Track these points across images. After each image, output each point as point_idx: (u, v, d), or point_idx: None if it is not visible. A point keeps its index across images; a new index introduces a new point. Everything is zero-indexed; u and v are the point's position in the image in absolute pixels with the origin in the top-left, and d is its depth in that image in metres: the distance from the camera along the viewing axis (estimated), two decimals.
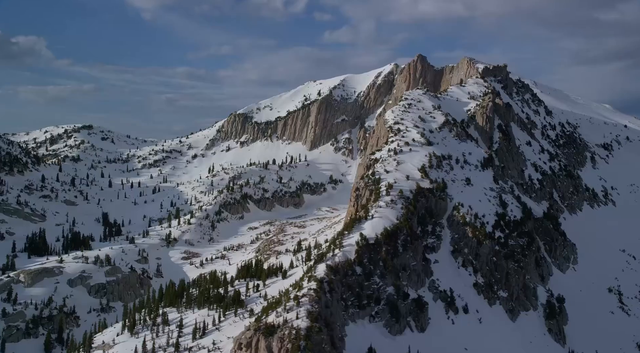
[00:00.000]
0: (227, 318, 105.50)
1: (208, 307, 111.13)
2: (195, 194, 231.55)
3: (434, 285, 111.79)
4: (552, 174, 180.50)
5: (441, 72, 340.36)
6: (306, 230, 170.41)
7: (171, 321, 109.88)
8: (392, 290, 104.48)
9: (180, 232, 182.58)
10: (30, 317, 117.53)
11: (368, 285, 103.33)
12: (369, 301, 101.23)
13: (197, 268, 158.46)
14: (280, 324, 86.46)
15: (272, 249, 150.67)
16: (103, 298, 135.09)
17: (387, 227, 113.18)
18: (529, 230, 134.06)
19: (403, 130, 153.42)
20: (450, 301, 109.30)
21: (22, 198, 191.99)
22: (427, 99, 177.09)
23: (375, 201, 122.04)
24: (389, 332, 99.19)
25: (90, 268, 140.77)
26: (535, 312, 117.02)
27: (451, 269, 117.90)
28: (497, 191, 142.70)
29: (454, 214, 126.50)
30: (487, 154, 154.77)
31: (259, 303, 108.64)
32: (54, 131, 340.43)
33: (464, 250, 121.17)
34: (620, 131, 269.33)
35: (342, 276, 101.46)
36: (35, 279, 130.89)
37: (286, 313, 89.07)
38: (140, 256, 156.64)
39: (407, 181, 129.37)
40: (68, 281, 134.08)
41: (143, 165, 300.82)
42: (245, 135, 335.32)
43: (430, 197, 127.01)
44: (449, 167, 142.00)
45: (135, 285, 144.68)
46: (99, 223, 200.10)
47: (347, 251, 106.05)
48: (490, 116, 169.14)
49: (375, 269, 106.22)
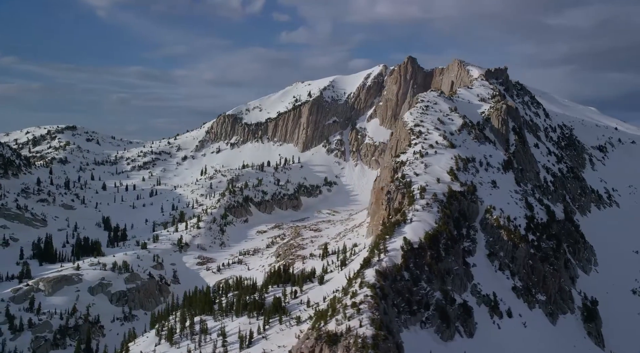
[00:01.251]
0: (272, 326, 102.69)
1: (248, 315, 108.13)
2: (196, 197, 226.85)
3: (476, 289, 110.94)
4: (562, 176, 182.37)
5: (431, 74, 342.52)
6: (323, 233, 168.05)
7: (210, 329, 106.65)
8: (439, 295, 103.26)
9: (191, 237, 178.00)
10: (56, 327, 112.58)
11: (416, 290, 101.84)
12: (418, 307, 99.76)
13: (215, 273, 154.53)
14: (344, 332, 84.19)
15: (294, 253, 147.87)
16: (125, 306, 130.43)
17: (428, 231, 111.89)
18: (555, 232, 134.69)
19: (424, 132, 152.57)
20: (494, 306, 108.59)
21: (20, 202, 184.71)
22: (443, 101, 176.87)
23: (410, 205, 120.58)
24: (440, 338, 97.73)
25: (109, 275, 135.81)
26: (573, 315, 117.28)
27: (489, 273, 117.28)
28: (521, 193, 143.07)
29: (487, 217, 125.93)
30: (507, 157, 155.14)
31: (302, 310, 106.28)
32: (36, 131, 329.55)
33: (499, 254, 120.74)
34: (612, 133, 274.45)
35: (391, 282, 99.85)
36: (56, 287, 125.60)
37: (347, 320, 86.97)
38: (155, 262, 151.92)
39: (438, 184, 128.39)
40: (88, 289, 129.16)
41: (132, 167, 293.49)
42: (236, 136, 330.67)
43: (462, 200, 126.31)
44: (475, 170, 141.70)
45: (154, 292, 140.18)
46: (100, 228, 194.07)
47: (392, 256, 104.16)
48: (505, 119, 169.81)
49: (422, 274, 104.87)
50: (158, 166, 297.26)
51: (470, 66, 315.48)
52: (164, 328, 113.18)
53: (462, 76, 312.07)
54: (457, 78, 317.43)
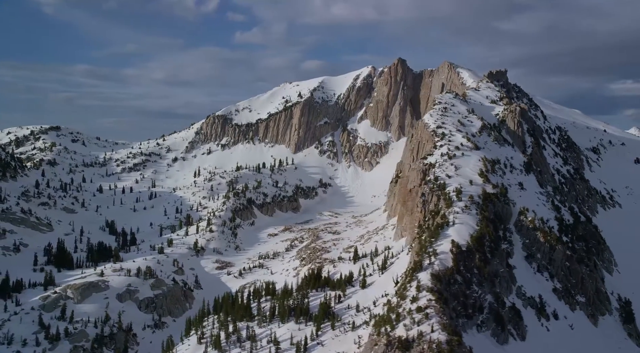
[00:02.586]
0: (324, 332, 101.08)
1: (295, 320, 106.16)
2: (198, 199, 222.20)
3: (521, 292, 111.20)
4: (571, 177, 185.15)
5: (420, 76, 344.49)
6: (343, 236, 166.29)
7: (258, 336, 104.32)
8: (491, 298, 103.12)
9: (205, 240, 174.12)
10: (93, 336, 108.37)
11: (469, 293, 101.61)
12: (473, 310, 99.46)
13: (237, 278, 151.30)
14: (415, 338, 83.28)
15: (320, 257, 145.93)
16: (153, 313, 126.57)
17: (471, 233, 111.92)
18: (583, 233, 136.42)
19: (448, 134, 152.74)
20: (540, 308, 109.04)
21: (22, 205, 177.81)
22: (459, 103, 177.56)
23: (448, 207, 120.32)
24: (497, 341, 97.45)
25: (134, 282, 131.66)
26: (611, 316, 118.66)
27: (528, 275, 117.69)
28: (545, 195, 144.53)
29: (522, 219, 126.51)
30: (526, 159, 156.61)
31: (353, 315, 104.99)
32: (18, 132, 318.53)
33: (536, 255, 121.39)
34: (602, 135, 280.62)
35: (445, 285, 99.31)
36: (84, 294, 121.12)
37: (417, 325, 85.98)
38: (176, 267, 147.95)
39: (471, 186, 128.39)
40: (116, 296, 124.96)
41: (122, 169, 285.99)
42: (226, 138, 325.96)
43: (496, 202, 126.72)
44: (501, 172, 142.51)
45: (180, 298, 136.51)
46: (105, 232, 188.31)
47: (443, 259, 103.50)
48: (520, 121, 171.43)
49: (472, 277, 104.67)
50: (149, 168, 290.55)
51: (460, 68, 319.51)
52: (205, 335, 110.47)
53: (453, 78, 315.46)
54: (447, 80, 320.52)
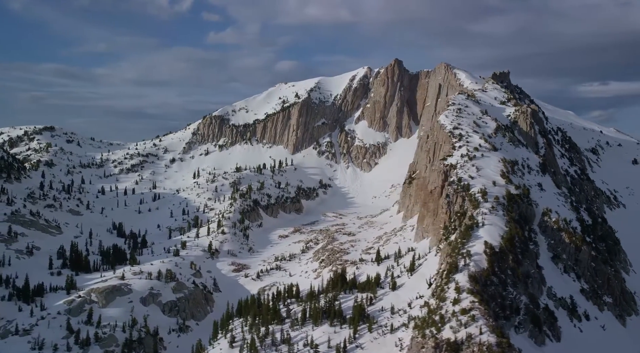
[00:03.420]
0: (362, 334, 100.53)
1: (329, 323, 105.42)
2: (204, 201, 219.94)
3: (552, 292, 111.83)
4: (578, 178, 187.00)
5: (417, 77, 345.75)
6: (359, 237, 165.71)
7: (293, 339, 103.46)
8: (526, 299, 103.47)
9: (219, 242, 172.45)
10: (122, 341, 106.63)
11: (505, 294, 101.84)
12: (510, 311, 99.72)
13: (254, 280, 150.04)
14: (464, 340, 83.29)
15: (340, 259, 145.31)
16: (177, 317, 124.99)
17: (502, 234, 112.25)
18: (602, 234, 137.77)
19: (465, 135, 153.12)
20: (572, 309, 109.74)
21: (29, 207, 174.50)
22: (472, 104, 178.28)
23: (475, 208, 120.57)
24: (534, 342, 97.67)
25: (156, 285, 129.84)
26: (638, 316, 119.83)
27: (556, 275, 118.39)
28: (563, 196, 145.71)
29: (546, 220, 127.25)
30: (541, 160, 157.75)
31: (388, 317, 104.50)
32: (12, 132, 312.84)
33: (562, 256, 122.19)
34: (599, 136, 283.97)
35: (482, 287, 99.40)
36: (109, 298, 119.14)
37: (464, 327, 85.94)
38: (194, 269, 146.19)
39: (495, 186, 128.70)
40: (140, 299, 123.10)
41: (120, 170, 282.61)
42: (224, 138, 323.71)
43: (520, 203, 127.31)
44: (521, 173, 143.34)
45: (201, 301, 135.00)
46: (113, 234, 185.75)
47: (477, 261, 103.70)
48: (532, 122, 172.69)
49: (506, 278, 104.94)
50: (146, 169, 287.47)
51: (457, 70, 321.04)
52: (235, 339, 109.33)
53: (450, 79, 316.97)
54: (444, 81, 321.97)
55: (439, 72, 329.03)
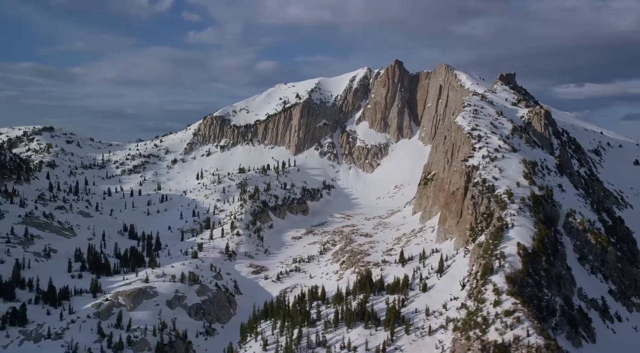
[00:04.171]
0: (399, 337, 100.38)
1: (364, 325, 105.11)
2: (214, 202, 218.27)
3: (582, 294, 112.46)
4: (589, 178, 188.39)
5: (417, 78, 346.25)
6: (377, 238, 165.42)
7: (329, 341, 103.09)
8: (561, 301, 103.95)
9: (235, 244, 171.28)
10: (154, 345, 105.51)
11: (541, 296, 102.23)
12: (547, 312, 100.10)
13: (275, 282, 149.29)
14: (511, 342, 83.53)
15: (362, 260, 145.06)
16: (203, 320, 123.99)
17: (532, 236, 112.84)
18: (622, 235, 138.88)
19: (483, 136, 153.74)
20: (603, 310, 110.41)
21: (40, 209, 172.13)
22: (487, 105, 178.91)
23: (503, 210, 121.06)
24: (572, 344, 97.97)
25: (180, 288, 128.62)
26: None
27: (584, 276, 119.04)
28: (583, 197, 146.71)
29: (571, 221, 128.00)
30: (558, 161, 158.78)
31: (423, 319, 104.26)
32: (10, 132, 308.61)
33: (588, 257, 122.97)
34: (600, 137, 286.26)
35: (519, 288, 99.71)
36: (136, 301, 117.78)
37: (510, 329, 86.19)
38: (214, 272, 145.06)
39: (519, 188, 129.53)
40: (166, 302, 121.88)
41: (122, 171, 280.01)
42: (225, 139, 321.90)
43: (544, 204, 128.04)
44: (541, 174, 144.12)
45: (224, 304, 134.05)
46: (124, 236, 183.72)
47: (511, 262, 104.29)
48: (546, 123, 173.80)
49: (540, 279, 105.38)
50: (149, 170, 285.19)
51: (457, 71, 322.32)
52: (268, 342, 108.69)
53: (450, 80, 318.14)
54: (445, 82, 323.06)
55: (439, 74, 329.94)
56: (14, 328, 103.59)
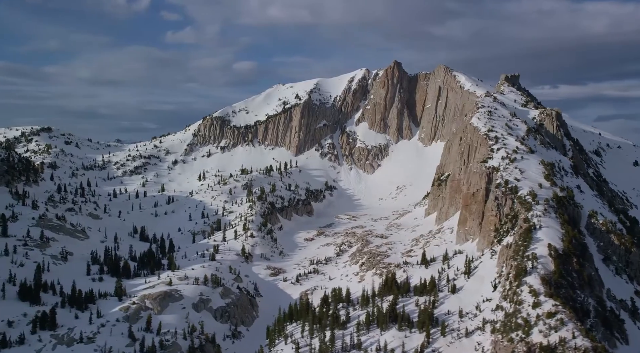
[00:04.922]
0: (435, 338, 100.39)
1: (398, 327, 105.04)
2: (222, 204, 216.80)
3: (611, 295, 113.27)
4: (597, 179, 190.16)
5: (415, 79, 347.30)
6: (393, 240, 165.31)
7: (364, 344, 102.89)
8: (594, 302, 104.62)
9: (250, 246, 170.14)
10: (185, 348, 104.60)
11: (575, 297, 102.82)
12: (582, 314, 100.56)
13: (294, 284, 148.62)
14: (557, 344, 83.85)
15: (382, 262, 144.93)
16: (229, 323, 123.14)
17: (560, 237, 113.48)
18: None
19: (500, 138, 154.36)
20: (633, 311, 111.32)
21: (51, 211, 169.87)
22: (500, 106, 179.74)
23: (528, 211, 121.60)
24: (608, 345, 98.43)
25: (204, 291, 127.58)
26: None
27: (609, 277, 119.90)
28: (600, 198, 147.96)
29: (593, 222, 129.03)
30: (573, 162, 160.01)
31: (457, 321, 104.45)
32: (8, 133, 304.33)
33: (613, 258, 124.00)
34: (599, 138, 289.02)
35: (553, 289, 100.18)
36: (162, 305, 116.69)
37: (554, 331, 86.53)
38: (234, 274, 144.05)
39: (541, 189, 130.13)
40: (192, 305, 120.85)
41: (123, 172, 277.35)
42: (225, 140, 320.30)
43: (567, 205, 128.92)
44: (560, 175, 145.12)
45: (247, 306, 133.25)
46: (135, 238, 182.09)
47: (544, 263, 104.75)
48: (558, 124, 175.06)
49: (573, 280, 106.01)
50: (150, 171, 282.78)
51: (456, 72, 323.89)
52: (300, 345, 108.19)
53: (450, 81, 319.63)
54: (444, 83, 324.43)
55: (438, 75, 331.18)
56: (44, 332, 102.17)
